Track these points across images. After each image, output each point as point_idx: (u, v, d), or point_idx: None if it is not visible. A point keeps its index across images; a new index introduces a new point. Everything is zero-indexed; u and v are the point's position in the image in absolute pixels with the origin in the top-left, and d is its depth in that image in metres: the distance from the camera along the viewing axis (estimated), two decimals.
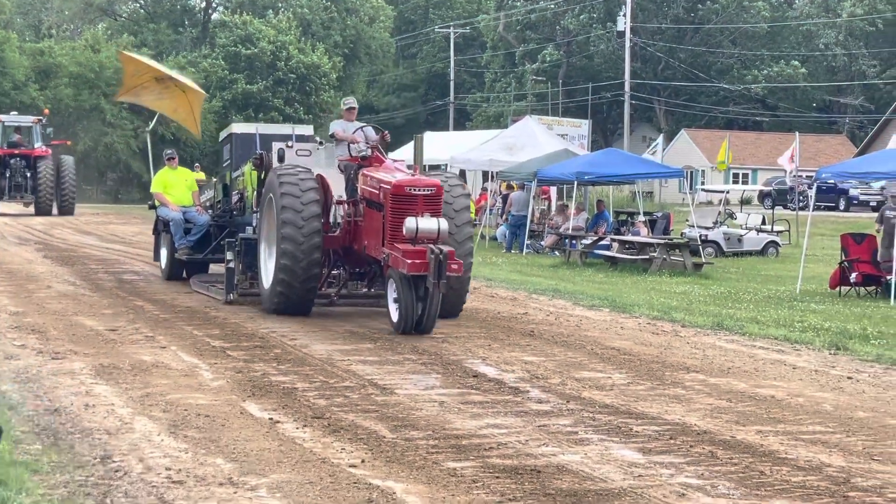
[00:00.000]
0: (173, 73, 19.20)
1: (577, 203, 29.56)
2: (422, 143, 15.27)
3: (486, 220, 32.91)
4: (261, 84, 66.05)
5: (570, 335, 12.65)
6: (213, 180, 20.10)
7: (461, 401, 8.64)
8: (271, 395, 8.67)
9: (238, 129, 18.27)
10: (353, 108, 14.80)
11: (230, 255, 14.73)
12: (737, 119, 77.43)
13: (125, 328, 12.14)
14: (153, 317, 13.25)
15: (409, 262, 11.74)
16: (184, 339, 11.47)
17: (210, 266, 17.70)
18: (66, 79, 60.58)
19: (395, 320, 12.13)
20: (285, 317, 13.19)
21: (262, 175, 14.93)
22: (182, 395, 8.52)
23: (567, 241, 26.45)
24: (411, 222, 12.08)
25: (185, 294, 15.89)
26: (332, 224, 13.74)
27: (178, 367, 9.78)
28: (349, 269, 14.44)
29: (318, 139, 16.01)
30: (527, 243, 28.15)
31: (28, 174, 38.14)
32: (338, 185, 13.93)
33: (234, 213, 17.12)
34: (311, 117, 64.05)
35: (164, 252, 17.97)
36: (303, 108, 66.51)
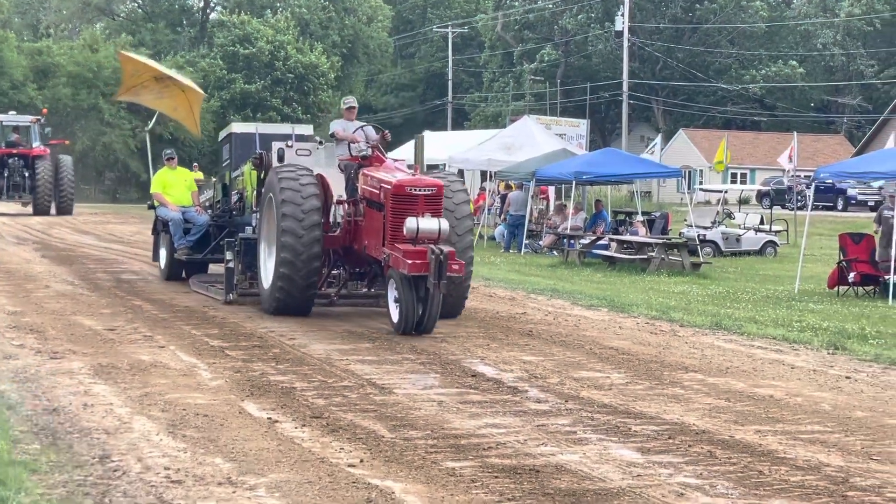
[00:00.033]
0: (172, 72, 19.17)
1: (576, 203, 29.56)
2: (423, 142, 15.17)
3: (485, 219, 32.90)
4: (259, 84, 66.06)
5: (568, 335, 12.65)
6: (213, 180, 20.06)
7: (460, 400, 8.63)
8: (270, 394, 8.67)
9: (238, 128, 18.22)
10: (354, 107, 14.76)
11: (229, 255, 14.71)
12: (735, 119, 77.50)
13: (124, 328, 12.13)
14: (152, 316, 13.25)
15: (409, 262, 11.69)
16: (182, 339, 11.46)
17: (209, 266, 17.68)
18: (64, 78, 60.58)
19: (396, 321, 12.08)
20: (284, 316, 13.17)
21: (262, 175, 14.91)
22: (181, 395, 8.52)
23: (565, 240, 26.44)
24: (412, 222, 12.03)
25: (184, 294, 15.88)
26: (332, 224, 13.67)
27: (177, 367, 9.77)
28: (349, 269, 14.38)
29: (318, 138, 15.96)
30: (525, 243, 28.14)
31: (26, 174, 38.14)
32: (338, 185, 13.86)
33: (234, 212, 17.08)
34: (309, 117, 64.08)
35: (164, 252, 17.92)
36: (301, 108, 66.54)
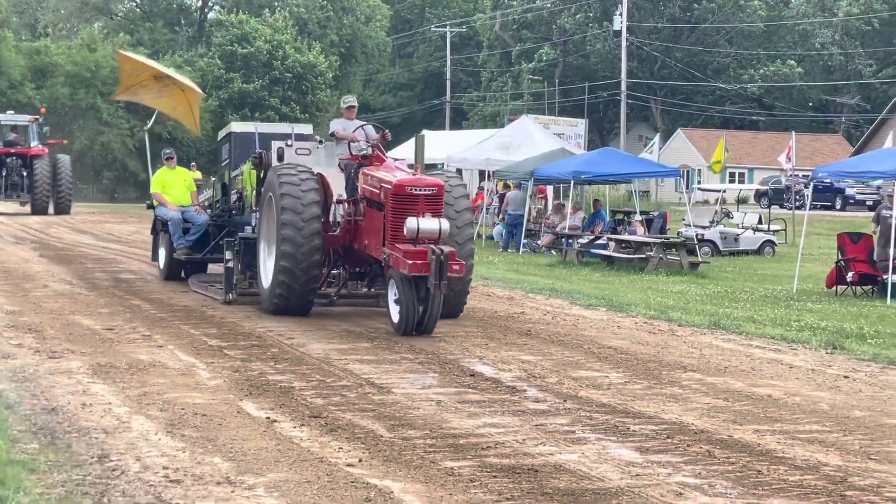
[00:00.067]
0: (170, 71, 19.14)
1: (574, 202, 29.56)
2: (423, 142, 15.09)
3: (483, 219, 32.89)
4: (257, 83, 66.02)
5: (566, 334, 12.65)
6: (212, 179, 20.01)
7: (458, 400, 8.63)
8: (268, 394, 8.67)
9: (237, 128, 18.15)
10: (353, 106, 14.72)
11: (229, 255, 14.68)
12: (733, 118, 77.53)
13: (122, 327, 12.12)
14: (150, 316, 13.24)
15: (409, 262, 11.63)
16: (181, 339, 11.46)
17: (208, 266, 17.66)
18: (62, 78, 60.53)
19: (396, 321, 12.01)
20: (282, 316, 13.16)
21: (262, 174, 14.88)
22: (179, 395, 8.52)
23: (564, 240, 26.45)
24: (412, 222, 11.96)
25: (182, 293, 15.87)
26: (332, 223, 13.61)
27: (176, 367, 9.76)
28: (349, 269, 14.33)
29: (317, 138, 15.93)
30: (523, 242, 28.15)
31: (24, 173, 38.10)
32: (338, 184, 13.80)
33: (233, 212, 17.05)
34: (307, 116, 64.04)
35: (163, 252, 17.88)
36: (299, 108, 66.51)
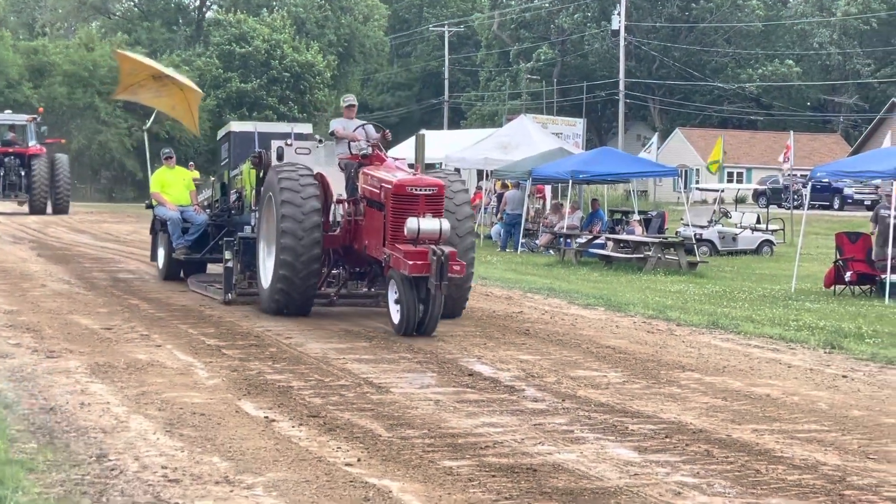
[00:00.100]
0: (170, 71, 19.11)
1: (572, 202, 29.56)
2: (423, 141, 15.02)
3: (481, 218, 32.89)
4: (255, 83, 66.03)
5: (565, 334, 12.65)
6: (212, 179, 19.98)
7: (457, 399, 8.63)
8: (267, 393, 8.66)
9: (236, 127, 18.10)
10: (353, 105, 14.67)
11: (228, 255, 14.65)
12: (731, 118, 77.57)
13: (120, 327, 12.12)
14: (148, 315, 13.23)
15: (410, 263, 11.59)
16: (179, 338, 11.45)
17: (208, 266, 17.63)
18: (59, 77, 60.51)
19: (397, 322, 11.94)
20: (281, 315, 13.16)
21: (261, 173, 14.85)
22: (177, 394, 8.51)
23: (562, 239, 26.46)
24: (413, 223, 11.91)
25: (180, 293, 15.87)
26: (332, 223, 13.56)
27: (174, 366, 9.76)
28: (349, 269, 14.29)
29: (317, 137, 15.89)
30: (521, 242, 28.15)
31: (22, 173, 38.11)
32: (338, 184, 13.75)
33: (233, 212, 17.02)
34: (305, 116, 64.01)
35: (162, 252, 17.85)
36: (297, 107, 66.51)
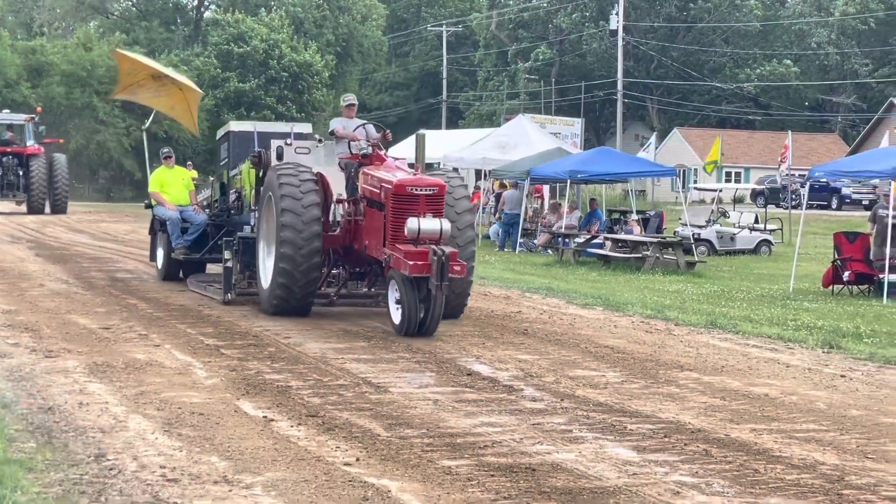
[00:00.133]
0: (169, 70, 19.09)
1: (570, 201, 29.58)
2: (423, 141, 14.98)
3: (479, 218, 32.89)
4: (253, 82, 66.02)
5: (563, 333, 12.65)
6: (211, 179, 19.96)
7: (455, 399, 8.63)
8: (265, 393, 8.66)
9: (236, 127, 18.06)
10: (353, 104, 14.63)
11: (228, 255, 14.62)
12: (729, 118, 77.61)
13: (119, 326, 12.11)
14: (147, 315, 13.23)
15: (410, 263, 11.55)
16: (177, 338, 11.45)
17: (207, 265, 17.62)
18: (57, 77, 60.51)
19: (398, 322, 11.89)
20: (279, 315, 13.15)
21: (261, 173, 14.83)
22: (176, 394, 8.51)
23: (560, 239, 26.47)
24: (413, 223, 11.86)
25: (179, 292, 15.86)
26: (332, 223, 13.51)
27: (172, 366, 9.76)
28: (349, 269, 14.25)
29: (317, 136, 15.87)
30: (520, 242, 28.16)
31: (20, 172, 38.09)
32: (338, 184, 13.70)
33: (232, 211, 17.00)
34: (303, 116, 63.99)
35: (161, 252, 17.82)
36: (295, 107, 66.52)
